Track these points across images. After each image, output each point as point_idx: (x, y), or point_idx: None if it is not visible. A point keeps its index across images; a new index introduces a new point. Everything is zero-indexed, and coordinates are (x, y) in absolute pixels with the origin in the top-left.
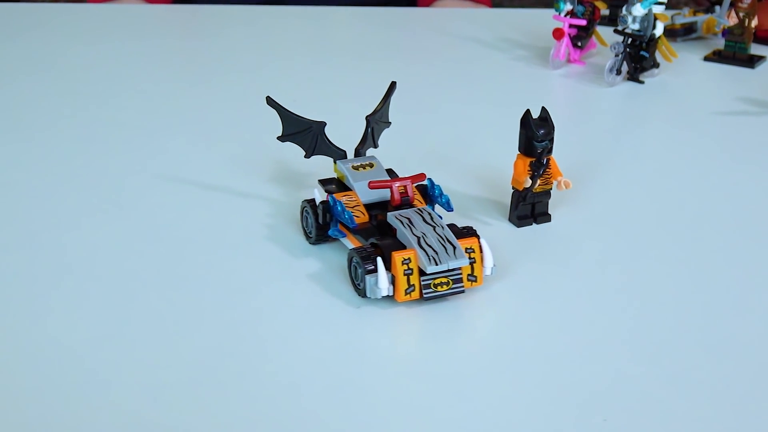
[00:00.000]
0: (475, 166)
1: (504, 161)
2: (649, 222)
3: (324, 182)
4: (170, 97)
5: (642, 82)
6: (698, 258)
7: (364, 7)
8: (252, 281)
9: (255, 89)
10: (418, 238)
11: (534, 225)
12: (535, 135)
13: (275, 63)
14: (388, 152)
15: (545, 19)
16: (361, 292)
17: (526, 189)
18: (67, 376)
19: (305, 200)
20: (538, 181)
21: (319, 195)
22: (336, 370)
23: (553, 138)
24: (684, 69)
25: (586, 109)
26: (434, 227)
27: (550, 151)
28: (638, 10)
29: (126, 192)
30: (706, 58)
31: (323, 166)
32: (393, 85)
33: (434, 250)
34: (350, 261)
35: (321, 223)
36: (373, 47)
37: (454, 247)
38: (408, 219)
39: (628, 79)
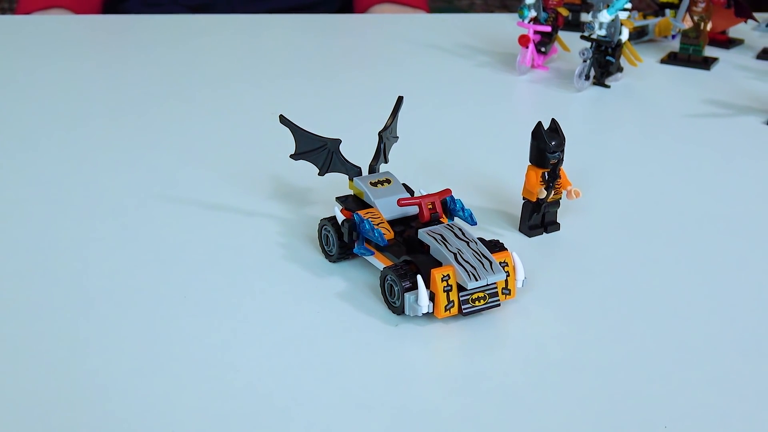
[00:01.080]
0: (471, 176)
1: (498, 170)
2: (648, 224)
3: (341, 200)
4: (140, 115)
5: (608, 87)
6: (705, 255)
7: (309, 14)
8: (281, 305)
9: (231, 103)
10: (455, 254)
11: (545, 234)
12: (548, 146)
13: (251, 73)
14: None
15: (495, 23)
16: (398, 310)
17: (539, 200)
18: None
19: (324, 218)
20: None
21: (340, 213)
22: (383, 390)
23: (564, 149)
24: (643, 72)
25: (560, 115)
26: (468, 242)
27: (561, 161)
28: (605, 17)
29: (127, 215)
30: (662, 61)
31: (321, 181)
32: (400, 99)
33: (472, 266)
34: (384, 279)
35: (347, 241)
36: (327, 57)
37: (491, 262)
38: (441, 235)
39: (595, 83)
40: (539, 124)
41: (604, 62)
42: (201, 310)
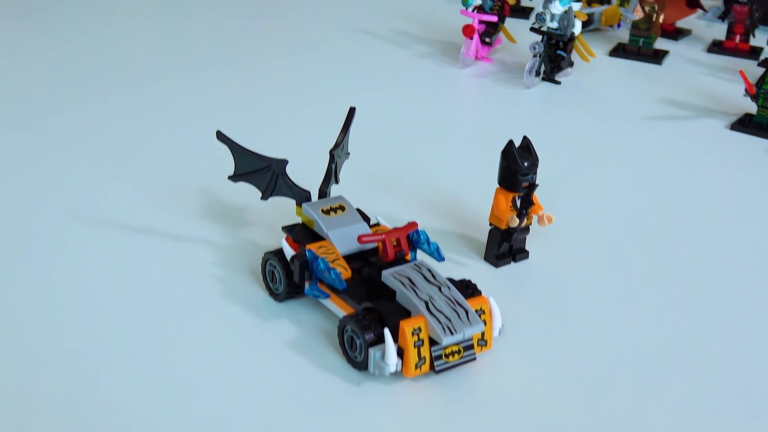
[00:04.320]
0: (423, 191)
1: (452, 183)
2: (618, 246)
3: (288, 229)
4: (52, 116)
5: (558, 83)
6: (682, 279)
7: None
8: (222, 357)
9: (152, 100)
10: (426, 302)
11: (512, 263)
12: (520, 168)
13: (168, 63)
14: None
15: (433, 7)
16: (360, 365)
17: (510, 228)
18: None
19: (269, 252)
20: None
21: (288, 246)
22: None
23: (536, 171)
24: (592, 66)
25: (509, 113)
26: (439, 287)
27: (534, 184)
28: (557, 8)
29: (35, 241)
30: (611, 54)
31: (258, 196)
32: (352, 111)
33: (446, 317)
34: (343, 330)
35: (297, 282)
36: (250, 44)
37: (467, 311)
38: (408, 279)
39: (544, 79)
40: (510, 142)
41: (554, 56)
42: (126, 366)
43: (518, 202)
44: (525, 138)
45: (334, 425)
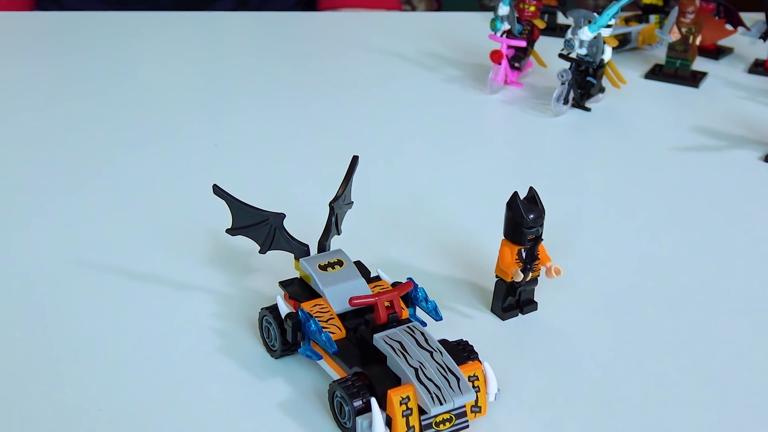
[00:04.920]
0: (436, 234)
1: (468, 225)
2: (638, 297)
3: (285, 284)
4: (65, 151)
5: (588, 110)
6: (709, 337)
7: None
8: (211, 416)
9: (170, 133)
10: (416, 369)
11: (520, 315)
12: (524, 221)
13: (187, 88)
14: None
15: (467, 25)
16: (349, 431)
17: (515, 282)
18: None
19: (265, 308)
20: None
21: (283, 303)
22: None
23: (543, 223)
24: (626, 90)
25: (535, 146)
26: (431, 353)
27: (540, 237)
28: (586, 35)
29: (32, 289)
30: (647, 76)
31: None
32: (355, 160)
33: (436, 385)
34: (332, 395)
35: (290, 341)
36: (267, 67)
37: (458, 379)
38: (400, 344)
39: (574, 106)
40: (515, 194)
41: (584, 83)
42: (114, 429)
43: (524, 255)
44: (531, 189)
45: None
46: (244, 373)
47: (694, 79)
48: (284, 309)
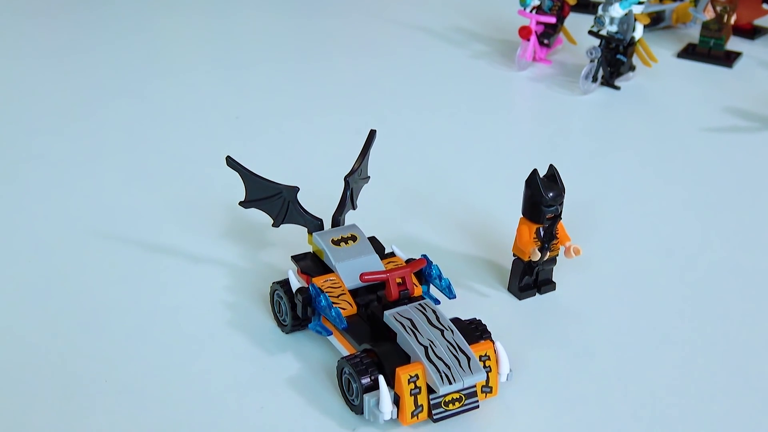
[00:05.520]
0: (457, 211)
1: (489, 203)
2: (662, 282)
3: (297, 258)
4: (84, 118)
5: (618, 88)
6: (724, 316)
7: None
8: (218, 391)
9: (193, 103)
10: (426, 348)
11: (537, 295)
12: (544, 198)
13: (210, 63)
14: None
15: (497, 1)
16: (357, 408)
17: (532, 262)
18: None
19: (276, 282)
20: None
21: (295, 277)
22: None
23: (562, 201)
24: (658, 69)
25: (561, 124)
26: (442, 331)
27: (559, 216)
28: (617, 11)
29: (45, 257)
30: (679, 55)
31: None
32: (372, 134)
33: (446, 365)
34: (341, 372)
35: (300, 316)
36: (294, 39)
37: (469, 359)
38: (410, 321)
39: (603, 84)
40: (534, 171)
41: (614, 61)
42: (118, 400)
43: (542, 234)
44: (551, 166)
45: None
46: (254, 348)
47: (728, 59)
48: (295, 284)
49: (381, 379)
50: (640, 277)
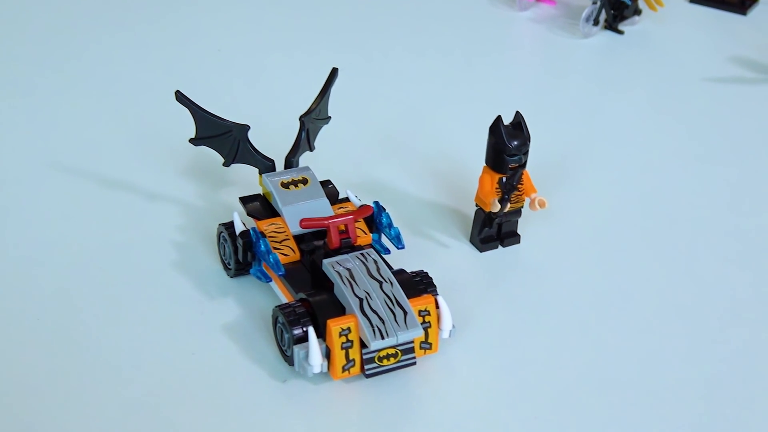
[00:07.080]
0: (431, 158)
1: (468, 151)
2: (635, 235)
3: (246, 200)
4: (58, 49)
5: (621, 33)
6: (691, 274)
7: None
8: (152, 333)
9: (172, 35)
10: (361, 300)
11: (500, 248)
12: (506, 147)
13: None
14: (319, 140)
15: None
16: (290, 360)
17: (492, 213)
18: None
19: (221, 224)
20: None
21: (239, 220)
22: None
23: (527, 150)
24: (667, 14)
25: (557, 70)
26: (381, 283)
27: (523, 166)
28: None
29: (7, 186)
30: (692, 0)
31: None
32: (334, 72)
33: (380, 318)
34: (275, 320)
35: (241, 261)
36: None
37: (405, 313)
38: (349, 271)
39: (606, 28)
40: (498, 118)
41: (617, 4)
42: (50, 339)
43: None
44: (517, 113)
45: (245, 421)
46: (195, 291)
47: (743, 5)
48: (239, 226)
49: (311, 330)
50: (610, 233)
